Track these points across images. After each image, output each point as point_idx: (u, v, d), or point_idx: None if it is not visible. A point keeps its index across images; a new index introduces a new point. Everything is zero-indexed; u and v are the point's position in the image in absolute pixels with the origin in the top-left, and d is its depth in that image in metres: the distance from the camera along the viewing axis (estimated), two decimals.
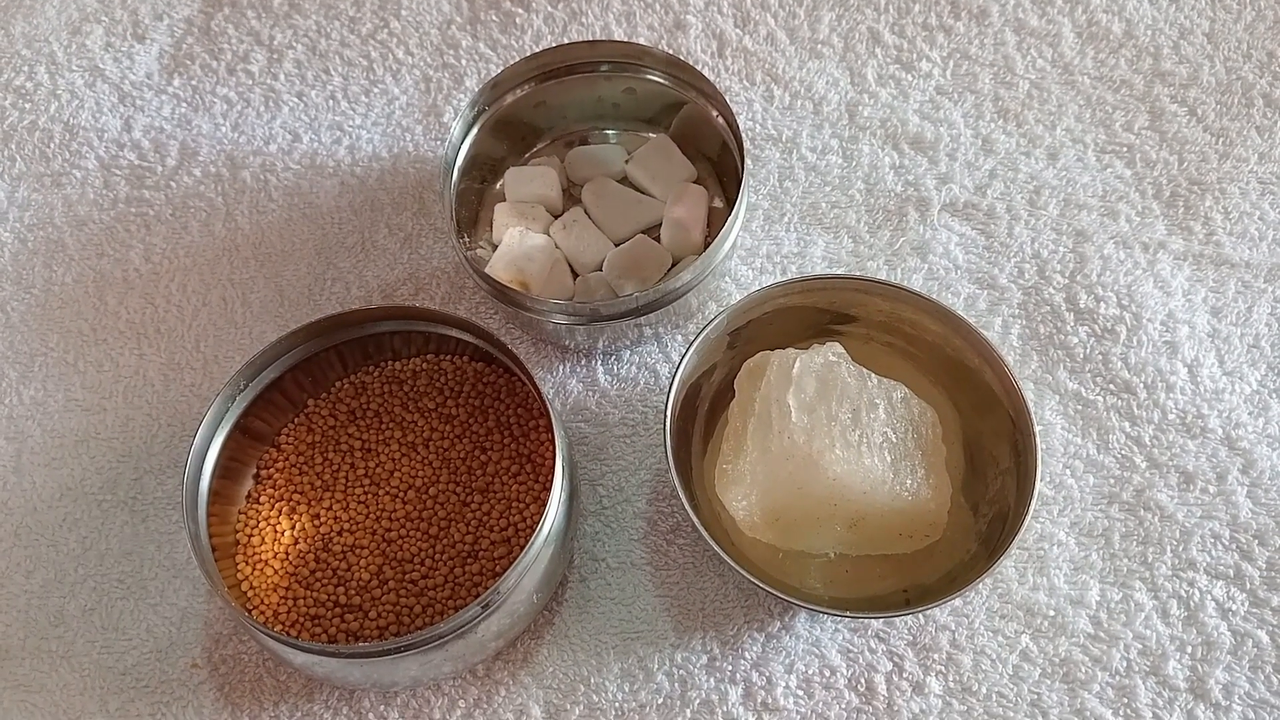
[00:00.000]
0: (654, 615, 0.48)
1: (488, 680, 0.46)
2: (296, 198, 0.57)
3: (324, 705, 0.46)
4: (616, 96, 0.55)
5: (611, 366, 0.53)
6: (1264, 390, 0.51)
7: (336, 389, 0.49)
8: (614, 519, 0.50)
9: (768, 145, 0.58)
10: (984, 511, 0.46)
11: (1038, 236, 0.55)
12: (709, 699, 0.46)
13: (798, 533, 0.45)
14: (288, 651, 0.41)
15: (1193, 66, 0.59)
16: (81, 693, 0.47)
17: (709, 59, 0.60)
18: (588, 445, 0.51)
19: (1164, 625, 0.46)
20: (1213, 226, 0.55)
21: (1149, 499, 0.49)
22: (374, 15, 0.62)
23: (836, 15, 0.61)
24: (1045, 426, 0.50)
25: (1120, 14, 0.60)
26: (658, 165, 0.54)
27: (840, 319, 0.50)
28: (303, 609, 0.45)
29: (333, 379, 0.50)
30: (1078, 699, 0.45)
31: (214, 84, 0.61)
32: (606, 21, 0.62)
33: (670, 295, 0.48)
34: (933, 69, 0.59)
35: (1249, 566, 0.47)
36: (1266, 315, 0.53)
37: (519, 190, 0.54)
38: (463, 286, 0.55)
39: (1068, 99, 0.58)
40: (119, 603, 0.49)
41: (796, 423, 0.43)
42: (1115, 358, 0.52)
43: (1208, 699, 0.45)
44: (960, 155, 0.57)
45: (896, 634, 0.47)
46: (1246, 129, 0.57)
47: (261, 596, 0.45)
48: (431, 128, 0.59)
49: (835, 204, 0.56)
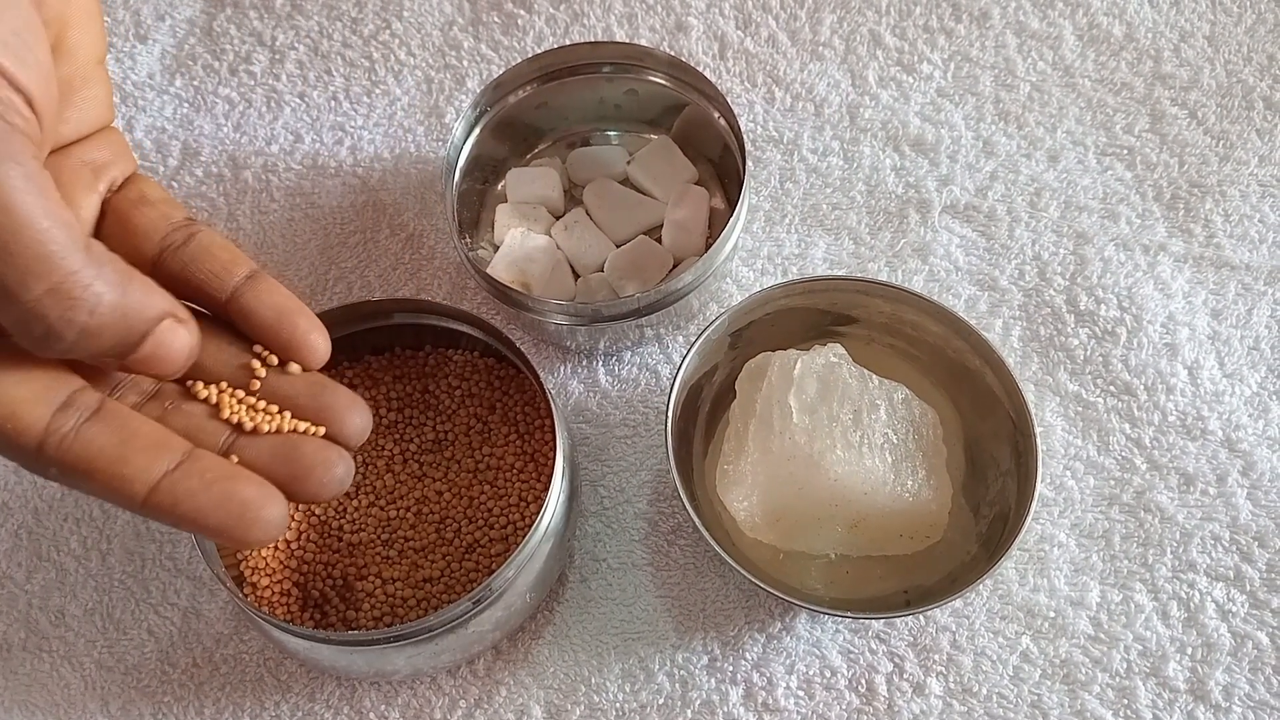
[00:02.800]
0: (655, 616, 0.48)
1: (488, 680, 0.47)
2: (298, 198, 0.58)
3: (325, 705, 0.46)
4: (618, 98, 0.55)
5: (613, 367, 0.53)
6: (1264, 392, 0.51)
7: (342, 381, 0.50)
8: (615, 519, 0.50)
9: (769, 147, 0.58)
10: (984, 513, 0.47)
11: (1038, 238, 0.55)
12: (710, 699, 0.46)
13: (799, 533, 0.45)
14: (287, 639, 0.41)
15: (1193, 69, 0.59)
16: (83, 693, 0.47)
17: (710, 61, 0.60)
18: (589, 446, 0.51)
19: (1164, 627, 0.47)
20: (1213, 229, 0.55)
21: (1149, 500, 0.49)
22: (376, 16, 0.62)
23: (838, 18, 0.61)
24: (1046, 428, 0.51)
25: (1121, 17, 0.60)
26: (659, 166, 0.55)
27: (841, 320, 0.50)
28: (303, 598, 0.45)
29: (338, 370, 0.50)
30: (1078, 700, 0.45)
31: (216, 84, 0.61)
32: (608, 23, 0.62)
33: (671, 296, 0.48)
34: (934, 71, 0.59)
35: (1249, 568, 0.47)
36: (1266, 318, 0.53)
37: (520, 191, 0.54)
38: (464, 287, 0.55)
39: (1068, 101, 0.58)
40: (120, 603, 0.49)
41: (798, 423, 0.43)
42: (1116, 360, 0.52)
43: (1208, 700, 0.45)
44: (961, 157, 0.57)
45: (897, 635, 0.47)
46: (1247, 132, 0.57)
47: (261, 588, 0.45)
48: (433, 129, 0.59)
49: (836, 205, 0.56)
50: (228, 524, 0.31)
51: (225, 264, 0.34)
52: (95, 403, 0.30)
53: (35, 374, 0.30)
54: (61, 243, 0.27)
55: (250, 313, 0.34)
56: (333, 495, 0.34)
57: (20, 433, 0.29)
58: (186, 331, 0.31)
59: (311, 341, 0.34)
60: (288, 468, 0.33)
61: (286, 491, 0.32)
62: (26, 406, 0.29)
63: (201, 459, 0.31)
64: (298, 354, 0.34)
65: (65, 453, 0.29)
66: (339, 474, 0.33)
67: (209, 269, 0.34)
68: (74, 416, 0.30)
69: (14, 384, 0.29)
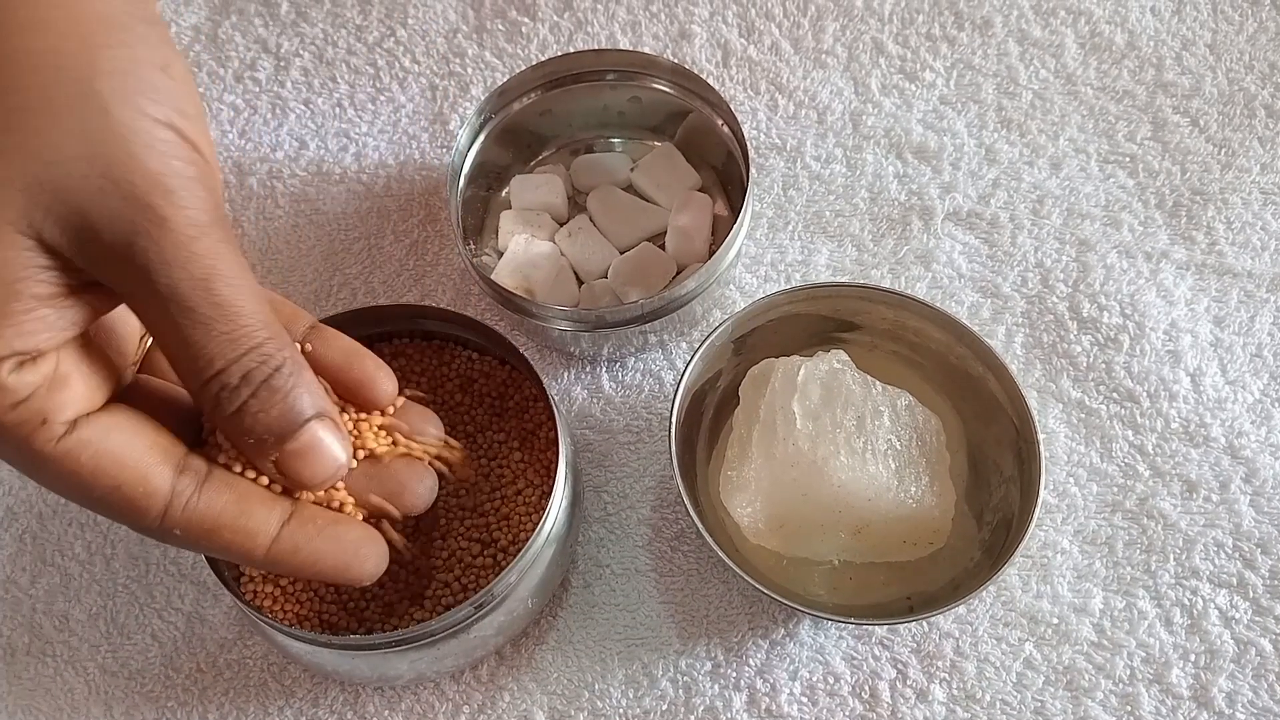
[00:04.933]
0: (658, 621, 0.48)
1: (491, 685, 0.47)
2: (303, 204, 0.58)
3: (329, 710, 0.46)
4: (622, 105, 0.56)
5: (616, 373, 0.53)
6: (1266, 399, 0.51)
7: None
8: (618, 525, 0.50)
9: (772, 154, 0.58)
10: (988, 519, 0.47)
11: (1041, 245, 0.55)
12: (713, 705, 0.46)
13: (802, 539, 0.45)
14: (290, 643, 0.41)
15: (1195, 77, 0.59)
16: (87, 697, 0.47)
17: (714, 68, 0.61)
18: (592, 452, 0.51)
19: (1167, 633, 0.47)
20: (1215, 236, 0.55)
21: (1152, 507, 0.49)
22: (381, 24, 0.63)
23: (840, 25, 0.61)
24: (1049, 435, 0.51)
25: (1123, 25, 0.61)
26: (663, 173, 0.55)
27: (845, 327, 0.50)
28: (305, 604, 0.45)
29: None
30: (1081, 707, 0.45)
31: (221, 91, 0.61)
32: (612, 31, 0.62)
33: (675, 302, 0.48)
34: (936, 79, 0.60)
35: (1252, 575, 0.47)
36: (1269, 325, 0.53)
37: (524, 198, 0.54)
38: (468, 293, 0.55)
39: (1071, 109, 0.59)
40: (125, 607, 0.49)
41: (801, 430, 0.43)
42: (1118, 366, 0.52)
43: (1211, 707, 0.45)
44: (964, 165, 0.57)
45: (900, 641, 0.47)
46: (1249, 139, 0.57)
47: (264, 593, 0.45)
48: (438, 135, 0.59)
49: (839, 212, 0.56)
50: (341, 564, 0.34)
51: (288, 318, 0.36)
52: (205, 466, 0.32)
53: (158, 438, 0.31)
54: (261, 313, 0.30)
55: (319, 357, 0.36)
56: (425, 506, 0.37)
57: (150, 495, 0.30)
58: (340, 439, 0.33)
59: (380, 380, 0.37)
60: (383, 487, 0.36)
61: (384, 510, 0.36)
62: (156, 470, 0.30)
63: (307, 507, 0.34)
64: (369, 391, 0.36)
65: (190, 514, 0.31)
66: (428, 485, 0.37)
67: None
68: (193, 479, 0.31)
69: (144, 449, 0.30)
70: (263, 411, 0.31)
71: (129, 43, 0.29)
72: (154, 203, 0.28)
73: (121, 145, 0.27)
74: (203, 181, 0.29)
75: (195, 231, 0.28)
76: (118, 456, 0.30)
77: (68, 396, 0.29)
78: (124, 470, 0.30)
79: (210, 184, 0.30)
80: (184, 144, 0.29)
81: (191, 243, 0.28)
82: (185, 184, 0.28)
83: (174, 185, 0.28)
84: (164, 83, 0.29)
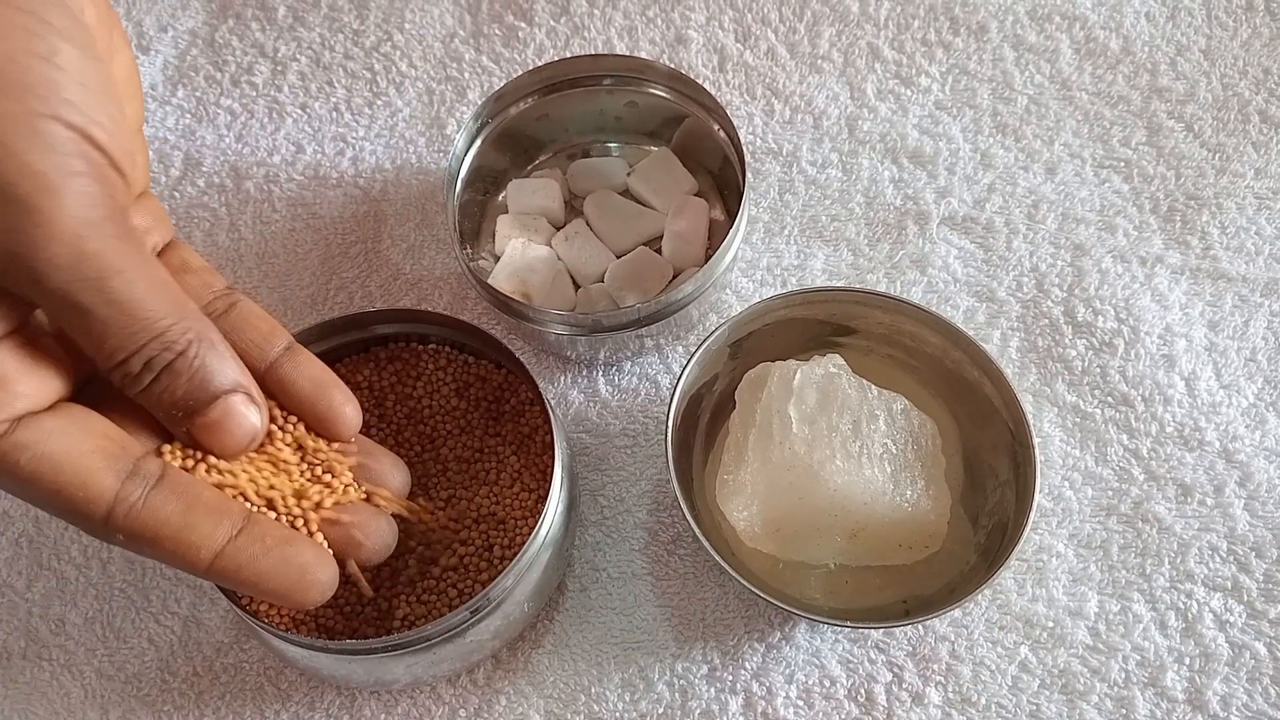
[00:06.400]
0: (654, 625, 0.48)
1: (488, 689, 0.47)
2: (300, 208, 0.58)
3: (325, 714, 0.46)
4: (618, 110, 0.56)
5: (613, 377, 0.53)
6: (1261, 403, 0.51)
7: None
8: (615, 529, 0.50)
9: (768, 159, 0.58)
10: (983, 523, 0.47)
11: (1036, 250, 0.55)
12: (709, 709, 0.46)
13: (798, 543, 0.45)
14: (287, 647, 0.41)
15: (1189, 83, 0.59)
16: (83, 701, 0.47)
17: (710, 73, 0.61)
18: (589, 456, 0.51)
19: (1162, 637, 0.47)
20: (1209, 241, 0.55)
21: (1147, 511, 0.49)
22: (378, 28, 0.63)
23: (836, 31, 0.62)
24: (1044, 439, 0.51)
25: (1118, 31, 0.61)
26: (659, 178, 0.55)
27: (840, 331, 0.50)
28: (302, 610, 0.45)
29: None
30: (1076, 710, 0.45)
31: (218, 95, 0.62)
32: (609, 35, 0.62)
33: (671, 307, 0.49)
34: (932, 84, 0.60)
35: (1246, 578, 0.48)
36: (1263, 329, 0.53)
37: (521, 202, 0.54)
38: (465, 297, 0.55)
39: (1066, 114, 0.59)
40: (121, 611, 0.49)
41: (797, 434, 0.43)
42: (1113, 370, 0.52)
43: (1206, 710, 0.45)
44: (959, 169, 0.57)
45: (896, 645, 0.47)
46: (1243, 145, 0.57)
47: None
48: (434, 140, 0.60)
49: (835, 217, 0.56)
50: (286, 587, 0.33)
51: (265, 334, 0.35)
52: (159, 470, 0.31)
53: (106, 442, 0.31)
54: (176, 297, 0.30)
55: (289, 383, 0.35)
56: (381, 559, 0.37)
57: (91, 501, 0.30)
58: (254, 410, 0.33)
59: (346, 414, 0.36)
60: (344, 535, 0.36)
61: (337, 556, 0.35)
62: (98, 475, 0.30)
63: (260, 523, 0.33)
64: (333, 425, 0.36)
65: (133, 521, 0.30)
66: (386, 540, 0.37)
67: (249, 338, 0.35)
68: (140, 485, 0.31)
69: (86, 453, 0.30)
70: (167, 391, 0.30)
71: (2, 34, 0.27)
72: (38, 204, 0.27)
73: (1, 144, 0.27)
74: (94, 175, 0.28)
75: (85, 230, 0.27)
76: (56, 460, 0.29)
77: (4, 397, 0.29)
78: (61, 475, 0.29)
79: (103, 176, 0.28)
80: (73, 137, 0.28)
81: (81, 242, 0.27)
82: (72, 180, 0.27)
83: (59, 183, 0.27)
84: (48, 73, 0.28)
